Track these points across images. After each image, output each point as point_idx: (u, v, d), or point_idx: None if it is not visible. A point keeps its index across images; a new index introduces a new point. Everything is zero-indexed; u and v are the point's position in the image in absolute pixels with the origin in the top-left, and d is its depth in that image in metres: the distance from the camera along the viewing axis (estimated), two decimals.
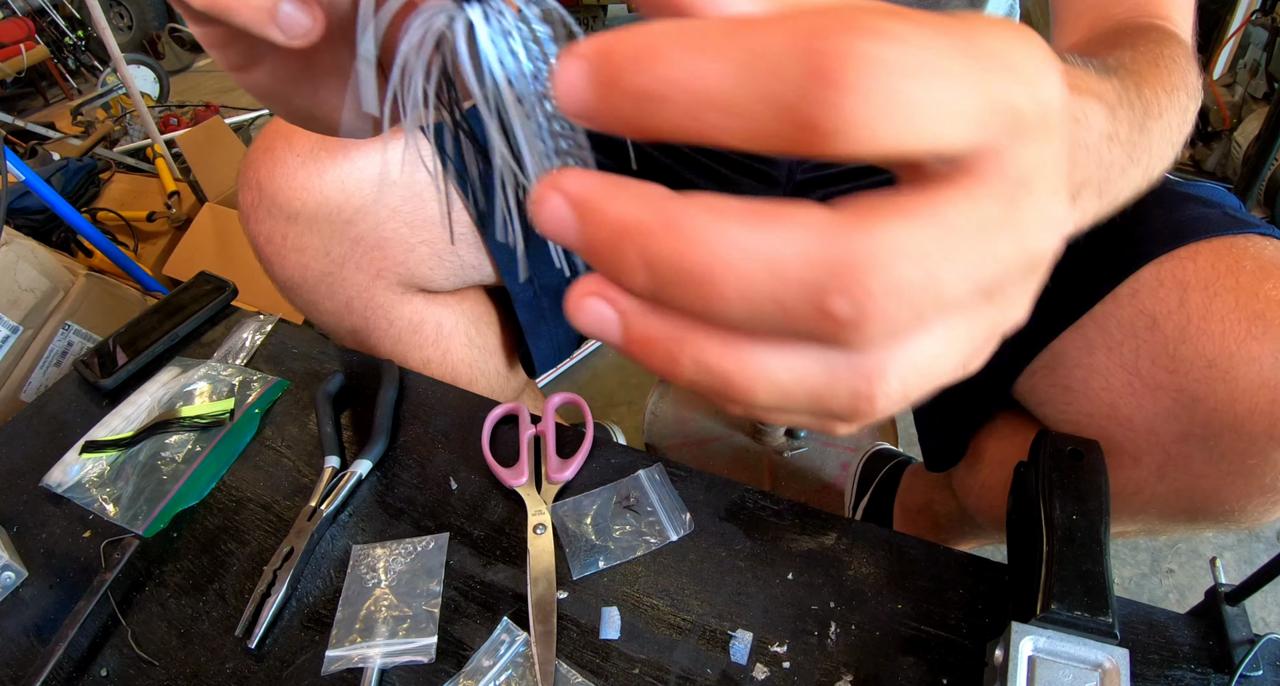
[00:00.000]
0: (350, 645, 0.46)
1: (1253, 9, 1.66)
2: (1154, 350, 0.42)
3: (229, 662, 0.46)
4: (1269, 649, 0.43)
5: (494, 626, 0.46)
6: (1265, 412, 0.38)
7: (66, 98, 3.07)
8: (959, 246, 0.13)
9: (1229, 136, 1.65)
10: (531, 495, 0.53)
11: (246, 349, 0.67)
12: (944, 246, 0.13)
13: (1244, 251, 0.42)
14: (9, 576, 0.51)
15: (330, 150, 0.55)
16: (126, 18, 3.40)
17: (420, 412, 0.60)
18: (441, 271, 0.62)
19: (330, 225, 0.56)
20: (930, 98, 0.13)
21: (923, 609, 0.46)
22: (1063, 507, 0.41)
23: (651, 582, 0.49)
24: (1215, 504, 0.43)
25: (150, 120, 1.73)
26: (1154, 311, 0.42)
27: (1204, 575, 0.99)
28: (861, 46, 0.12)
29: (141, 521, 0.53)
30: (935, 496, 0.79)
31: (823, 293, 0.13)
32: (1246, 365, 0.38)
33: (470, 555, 0.51)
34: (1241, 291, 0.40)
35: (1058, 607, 0.37)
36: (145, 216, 1.64)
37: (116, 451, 0.58)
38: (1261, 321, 0.39)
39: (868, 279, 0.13)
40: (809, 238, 0.13)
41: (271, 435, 0.60)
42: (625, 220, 0.14)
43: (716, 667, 0.44)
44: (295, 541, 0.50)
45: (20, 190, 1.39)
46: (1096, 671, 0.37)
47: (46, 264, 1.10)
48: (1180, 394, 0.41)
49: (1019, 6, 0.69)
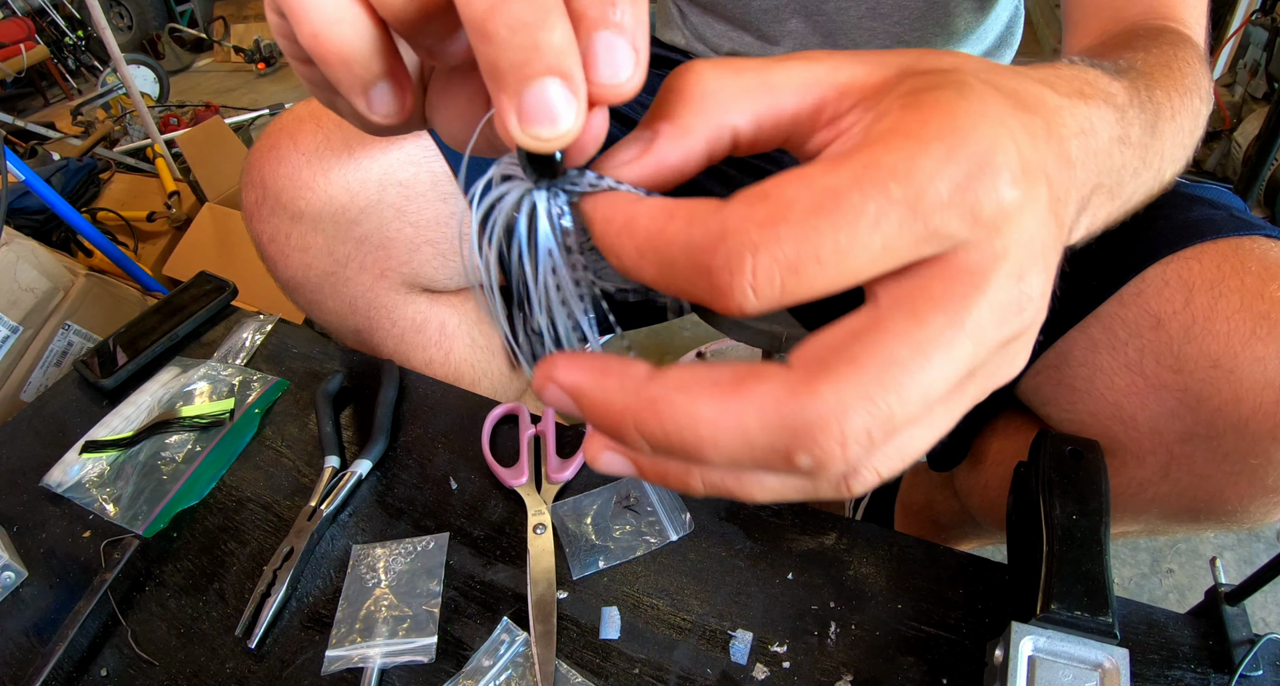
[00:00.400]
0: (350, 645, 0.46)
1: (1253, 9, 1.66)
2: (1159, 350, 0.42)
3: (229, 662, 0.46)
4: (1269, 649, 0.43)
5: (494, 626, 0.46)
6: (1269, 413, 0.38)
7: (66, 98, 3.07)
8: (907, 378, 0.15)
9: (1229, 136, 1.65)
10: (531, 495, 0.53)
11: (246, 349, 0.67)
12: (892, 384, 0.15)
13: (1249, 252, 0.42)
14: (9, 576, 0.51)
15: (335, 150, 0.54)
16: (126, 18, 3.40)
17: (420, 412, 0.60)
18: (445, 271, 0.62)
19: (334, 225, 0.56)
20: (833, 252, 0.15)
21: (923, 609, 0.46)
22: (1063, 507, 0.41)
23: (651, 582, 0.49)
24: (1218, 504, 0.43)
25: (150, 120, 1.73)
26: (1159, 311, 0.42)
27: (1204, 575, 0.99)
28: (754, 253, 0.15)
29: (141, 521, 0.53)
30: (936, 496, 0.79)
31: (786, 452, 0.16)
32: (1251, 365, 0.38)
33: (470, 555, 0.51)
34: (1247, 292, 0.40)
35: (1058, 607, 0.37)
36: (145, 216, 1.64)
37: (116, 451, 0.58)
38: (1267, 322, 0.39)
39: (822, 438, 0.15)
40: (768, 408, 0.15)
41: (271, 435, 0.60)
42: (614, 408, 0.17)
43: (716, 667, 0.44)
44: (295, 541, 0.50)
45: (20, 190, 1.39)
46: (1096, 671, 0.37)
47: (46, 264, 1.10)
48: (1184, 394, 0.41)
49: (1023, 7, 0.69)
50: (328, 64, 0.19)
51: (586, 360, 0.18)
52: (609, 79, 0.17)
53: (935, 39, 0.63)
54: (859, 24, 0.62)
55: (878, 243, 0.15)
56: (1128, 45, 0.37)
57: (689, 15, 0.71)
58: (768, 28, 0.65)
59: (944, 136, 0.15)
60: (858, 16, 0.62)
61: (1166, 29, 0.42)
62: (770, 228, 0.15)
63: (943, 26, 0.62)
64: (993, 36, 0.68)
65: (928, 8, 0.61)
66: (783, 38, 0.65)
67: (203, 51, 3.60)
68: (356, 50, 0.19)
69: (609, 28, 0.17)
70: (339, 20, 0.18)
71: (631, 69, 0.18)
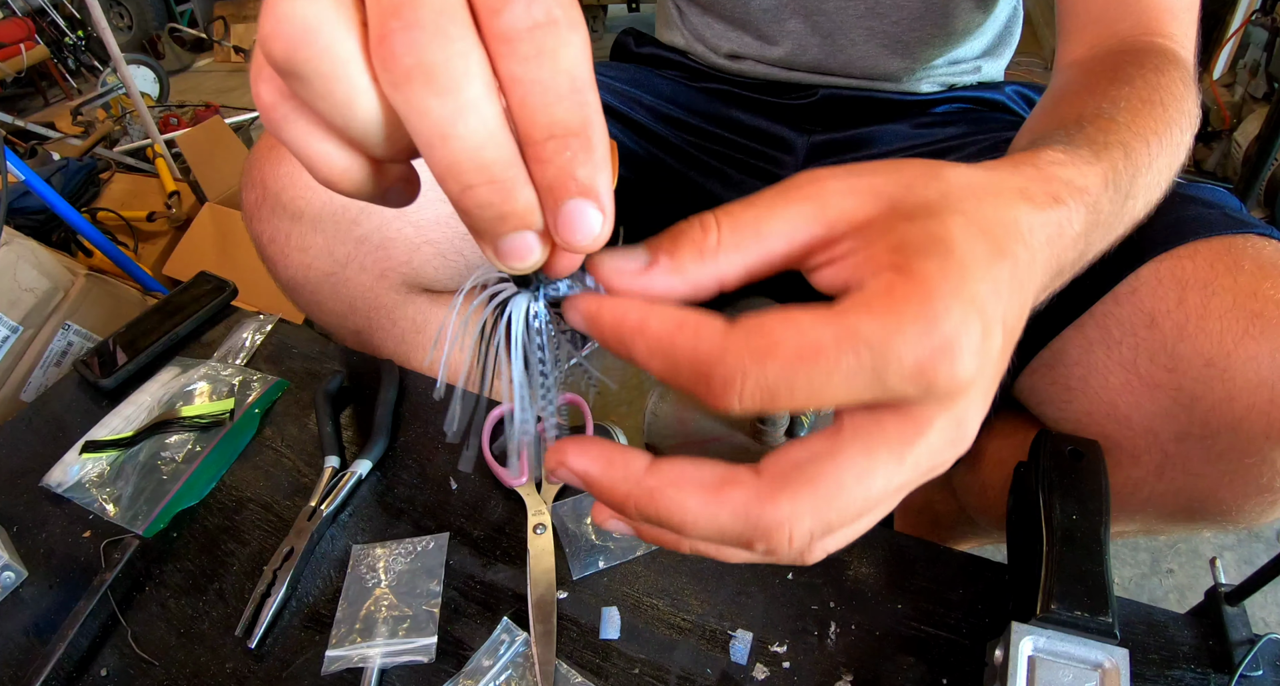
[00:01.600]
0: (350, 645, 0.46)
1: (1253, 9, 1.66)
2: (1153, 348, 0.42)
3: (229, 662, 0.46)
4: (1269, 649, 0.43)
5: (494, 626, 0.46)
6: (1263, 412, 0.38)
7: (66, 98, 3.07)
8: (849, 498, 0.20)
9: (1229, 136, 1.65)
10: (531, 495, 0.53)
11: (246, 349, 0.67)
12: (836, 503, 0.20)
13: (1242, 251, 0.42)
14: (9, 576, 0.51)
15: None
16: (126, 18, 3.40)
17: (420, 412, 0.60)
18: (446, 272, 0.62)
19: (334, 225, 0.56)
20: (811, 386, 0.19)
21: (923, 609, 0.46)
22: (1063, 507, 0.41)
23: (651, 582, 0.49)
24: (1213, 503, 0.43)
25: (150, 120, 1.73)
26: (1153, 310, 0.42)
27: (1204, 575, 0.99)
28: (744, 377, 0.19)
29: (141, 521, 0.53)
30: (935, 496, 0.79)
31: (748, 542, 0.21)
32: (1244, 364, 0.38)
33: (470, 555, 0.51)
34: (1240, 291, 0.40)
35: (1058, 607, 0.37)
36: (145, 216, 1.64)
37: (116, 451, 0.58)
38: (1260, 320, 0.39)
39: (775, 535, 0.20)
40: (738, 510, 0.20)
41: (271, 435, 0.60)
42: (618, 493, 0.22)
43: (716, 667, 0.44)
44: (295, 541, 0.50)
45: (20, 190, 1.39)
46: (1096, 671, 0.37)
47: (46, 264, 1.10)
48: (1179, 393, 0.41)
49: (1021, 8, 0.69)
50: (329, 178, 0.21)
51: (594, 449, 0.22)
52: (581, 240, 0.20)
53: (934, 38, 0.63)
54: (857, 23, 0.62)
55: (844, 391, 0.19)
56: (1114, 77, 0.39)
57: (688, 15, 0.71)
58: (767, 27, 0.65)
59: (919, 320, 0.19)
60: (856, 16, 0.62)
61: (1154, 50, 0.43)
62: (760, 361, 0.19)
63: (941, 26, 0.62)
64: (991, 36, 0.68)
65: (926, 7, 0.61)
66: (782, 37, 0.65)
67: (203, 51, 3.61)
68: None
69: (574, 195, 0.19)
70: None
71: (599, 226, 0.20)
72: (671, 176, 0.66)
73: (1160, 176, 0.35)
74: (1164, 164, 0.35)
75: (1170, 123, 0.36)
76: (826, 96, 0.66)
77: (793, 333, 0.19)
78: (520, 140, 0.19)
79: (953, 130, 0.65)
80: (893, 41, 0.63)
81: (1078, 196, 0.27)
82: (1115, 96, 0.36)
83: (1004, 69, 0.73)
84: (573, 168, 0.19)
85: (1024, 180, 0.25)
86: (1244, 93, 1.68)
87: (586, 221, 0.19)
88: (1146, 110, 0.35)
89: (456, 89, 0.17)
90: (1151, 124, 0.35)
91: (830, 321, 0.19)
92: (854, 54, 0.64)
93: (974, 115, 0.67)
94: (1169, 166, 0.35)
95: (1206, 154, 1.72)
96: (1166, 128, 0.35)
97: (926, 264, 0.19)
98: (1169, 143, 0.35)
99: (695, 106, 0.69)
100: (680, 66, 0.73)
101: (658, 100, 0.68)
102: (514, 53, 0.18)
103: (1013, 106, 0.69)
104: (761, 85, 0.69)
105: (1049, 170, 0.27)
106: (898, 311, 0.19)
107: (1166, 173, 0.35)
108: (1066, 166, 0.28)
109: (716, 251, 0.22)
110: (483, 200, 0.19)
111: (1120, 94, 0.36)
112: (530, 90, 0.18)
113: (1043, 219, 0.25)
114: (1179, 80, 0.39)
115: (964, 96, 0.68)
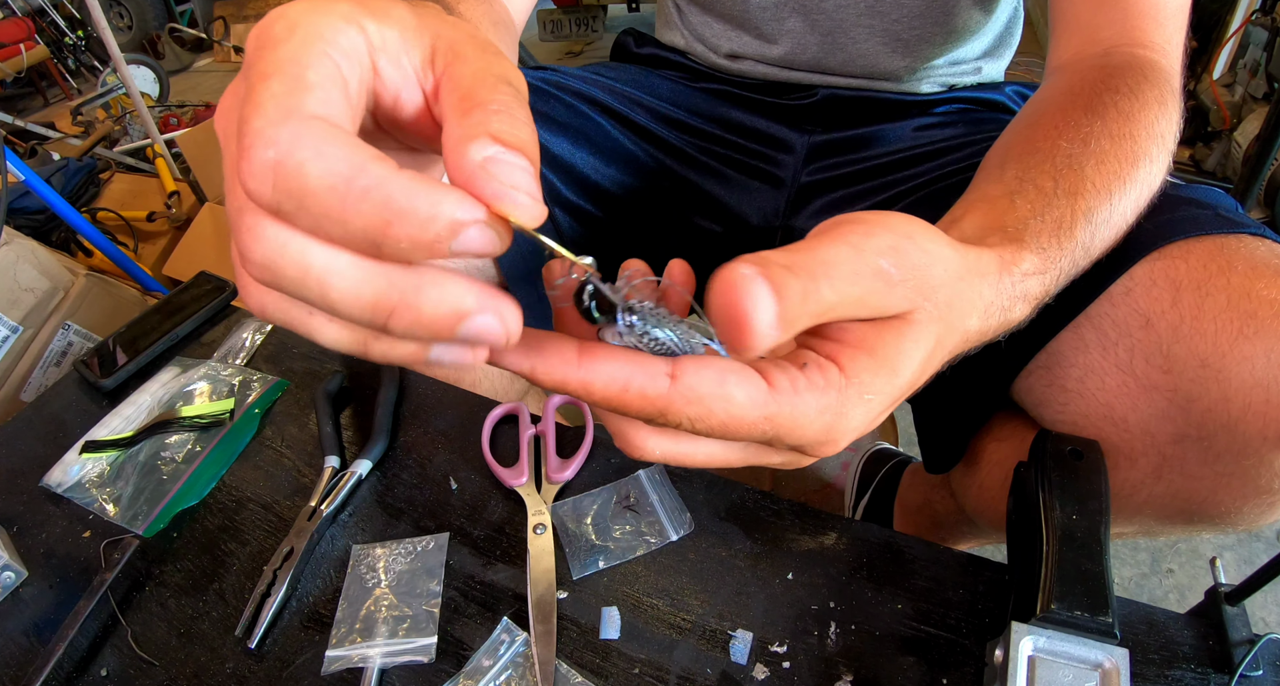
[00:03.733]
0: (350, 645, 0.46)
1: (1253, 9, 1.66)
2: (1148, 349, 0.42)
3: (229, 662, 0.46)
4: (1269, 649, 0.43)
5: (494, 626, 0.46)
6: (1259, 412, 0.38)
7: (66, 98, 3.08)
8: (815, 418, 0.25)
9: (1229, 136, 1.65)
10: (531, 495, 0.53)
11: (246, 349, 0.67)
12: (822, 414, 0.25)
13: (1235, 251, 0.42)
14: (9, 576, 0.51)
15: None
16: (126, 18, 3.40)
17: (420, 412, 0.60)
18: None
19: None
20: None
21: (923, 609, 0.46)
22: (1063, 507, 0.41)
23: (651, 582, 0.49)
24: (1211, 505, 0.43)
25: (150, 120, 1.73)
26: (1148, 310, 0.42)
27: (1204, 575, 0.99)
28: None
29: (141, 521, 0.53)
30: (935, 496, 0.79)
31: (774, 441, 0.25)
32: (1239, 365, 0.38)
33: (470, 555, 0.51)
34: (1234, 291, 0.40)
35: (1058, 607, 0.37)
36: (145, 216, 1.64)
37: (116, 451, 0.58)
38: (1254, 321, 0.38)
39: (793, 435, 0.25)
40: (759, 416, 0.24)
41: (271, 435, 0.60)
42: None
43: (716, 667, 0.44)
44: (295, 541, 0.50)
45: (20, 190, 1.39)
46: (1096, 671, 0.37)
47: (46, 264, 1.10)
48: (1174, 394, 0.41)
49: (1022, 9, 0.69)
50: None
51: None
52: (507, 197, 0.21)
53: (934, 37, 0.63)
54: (857, 22, 0.62)
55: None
56: (1090, 107, 0.42)
57: (688, 14, 0.71)
58: (766, 26, 0.65)
59: (827, 421, 0.25)
60: (856, 14, 0.62)
61: (1132, 68, 0.44)
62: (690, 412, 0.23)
63: (942, 25, 0.62)
64: (992, 36, 0.68)
65: (927, 5, 0.61)
66: (781, 36, 0.65)
67: (203, 51, 3.61)
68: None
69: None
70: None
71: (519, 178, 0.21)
72: (671, 177, 0.66)
73: (1124, 218, 0.39)
74: (1128, 206, 0.39)
75: (1139, 156, 0.39)
76: (826, 96, 0.66)
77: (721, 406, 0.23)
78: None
79: (952, 131, 0.65)
80: (893, 40, 0.63)
81: (1034, 301, 0.34)
82: (1086, 135, 0.40)
83: (1004, 69, 0.73)
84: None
85: (994, 294, 0.31)
86: (1244, 93, 1.68)
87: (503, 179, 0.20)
88: (1114, 151, 0.39)
89: (301, 274, 0.19)
90: (1117, 168, 0.38)
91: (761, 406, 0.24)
92: (854, 52, 0.64)
93: (974, 116, 0.67)
94: (1135, 205, 0.40)
95: (1206, 154, 1.72)
96: (1133, 167, 0.39)
97: (864, 370, 0.25)
98: (1133, 182, 0.39)
99: (695, 107, 0.69)
100: (680, 67, 0.73)
101: (658, 101, 0.68)
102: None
103: (1012, 107, 0.69)
104: (761, 85, 0.69)
105: (1021, 285, 0.33)
106: (815, 404, 0.24)
107: (1132, 211, 0.40)
108: (1033, 278, 0.34)
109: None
110: (407, 325, 0.20)
111: (1092, 131, 0.40)
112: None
113: (993, 325, 0.32)
114: (1154, 101, 0.42)
115: (964, 97, 0.68)
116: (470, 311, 0.20)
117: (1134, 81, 0.43)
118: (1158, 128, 0.41)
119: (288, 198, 0.19)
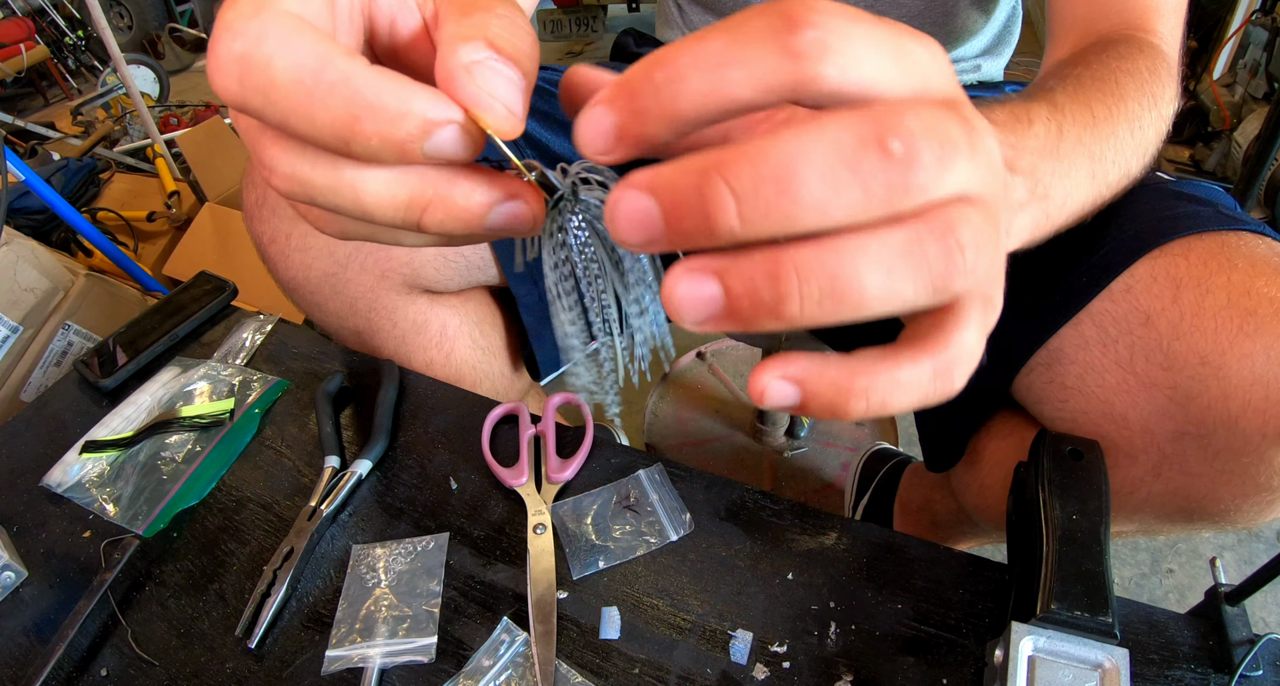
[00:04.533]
0: (350, 645, 0.46)
1: (1253, 9, 1.66)
2: (1148, 347, 0.42)
3: (229, 662, 0.46)
4: (1269, 649, 0.43)
5: (494, 626, 0.46)
6: (1259, 410, 0.38)
7: (66, 98, 3.07)
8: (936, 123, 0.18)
9: (1229, 136, 1.65)
10: (531, 495, 0.53)
11: (246, 349, 0.67)
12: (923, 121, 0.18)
13: (1235, 249, 0.42)
14: (9, 576, 0.51)
15: None
16: (126, 18, 3.40)
17: (420, 412, 0.60)
18: (446, 272, 0.62)
19: None
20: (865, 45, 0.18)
21: (923, 609, 0.46)
22: (1063, 507, 0.41)
23: (651, 582, 0.49)
24: (1211, 503, 0.43)
25: (150, 120, 1.73)
26: (1148, 308, 0.42)
27: (1204, 575, 0.99)
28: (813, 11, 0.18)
29: (141, 521, 0.53)
30: (935, 496, 0.79)
31: (880, 139, 0.17)
32: (1239, 362, 0.38)
33: (470, 555, 0.51)
34: (1234, 288, 0.40)
35: (1058, 607, 0.37)
36: (145, 216, 1.64)
37: (116, 451, 0.58)
38: (1254, 318, 0.39)
39: (909, 125, 0.17)
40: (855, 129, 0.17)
41: (271, 435, 0.60)
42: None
43: (716, 667, 0.44)
44: (295, 541, 0.50)
45: (20, 190, 1.39)
46: (1096, 671, 0.37)
47: (46, 264, 1.10)
48: (1174, 391, 0.41)
49: (1021, 8, 0.69)
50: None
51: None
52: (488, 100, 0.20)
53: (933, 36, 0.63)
54: None
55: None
56: (1074, 61, 0.40)
57: (688, 13, 0.71)
58: None
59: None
60: None
61: (1129, 41, 0.44)
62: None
63: (940, 24, 0.62)
64: (990, 35, 0.68)
65: (925, 6, 0.61)
66: None
67: (203, 51, 3.60)
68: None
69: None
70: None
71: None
72: None
73: (1121, 141, 0.36)
74: (1123, 130, 0.36)
75: (1124, 96, 0.37)
76: None
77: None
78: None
79: None
80: None
81: (1031, 178, 0.30)
82: (1064, 75, 0.37)
83: (1003, 68, 0.73)
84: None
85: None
86: (1244, 93, 1.68)
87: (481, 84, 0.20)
88: (1095, 86, 0.36)
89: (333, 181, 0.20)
90: (1099, 96, 0.36)
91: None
92: None
93: None
94: (1132, 133, 0.36)
95: (1206, 154, 1.72)
96: (1119, 101, 0.36)
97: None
98: (1122, 113, 0.36)
99: None
100: None
101: None
102: None
103: None
104: None
105: (1025, 146, 0.30)
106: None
107: (1129, 140, 0.36)
108: (1035, 154, 0.30)
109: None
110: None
111: (1072, 73, 0.38)
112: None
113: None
114: (1145, 68, 0.40)
115: None
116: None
117: (1125, 48, 0.42)
118: (1150, 87, 0.39)
119: (255, 93, 0.18)
